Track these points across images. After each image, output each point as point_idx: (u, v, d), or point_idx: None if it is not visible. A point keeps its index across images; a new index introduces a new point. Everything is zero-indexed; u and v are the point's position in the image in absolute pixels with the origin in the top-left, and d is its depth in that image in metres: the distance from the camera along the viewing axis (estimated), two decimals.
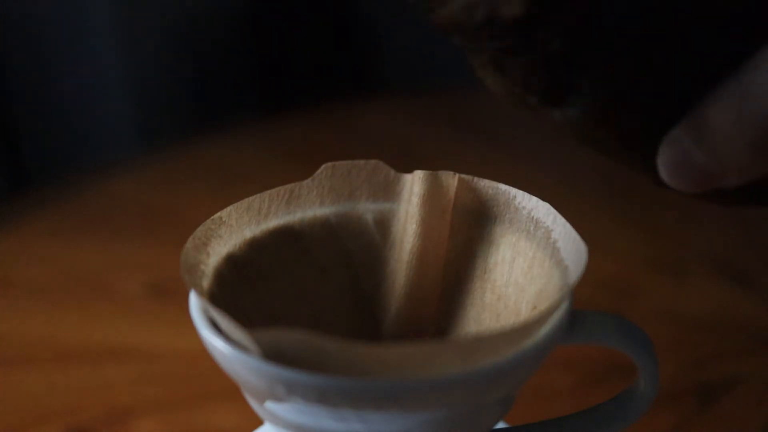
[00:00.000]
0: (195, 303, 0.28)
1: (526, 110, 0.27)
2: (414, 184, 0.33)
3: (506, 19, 0.24)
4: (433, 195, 0.33)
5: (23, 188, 0.77)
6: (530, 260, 0.31)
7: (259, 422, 0.34)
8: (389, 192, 0.34)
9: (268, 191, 0.33)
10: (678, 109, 0.25)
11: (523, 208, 0.32)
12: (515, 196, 0.32)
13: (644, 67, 0.25)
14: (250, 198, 0.32)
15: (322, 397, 0.25)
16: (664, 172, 0.26)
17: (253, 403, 0.28)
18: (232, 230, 0.31)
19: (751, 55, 0.23)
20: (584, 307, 0.30)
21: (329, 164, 0.33)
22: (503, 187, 0.32)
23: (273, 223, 0.33)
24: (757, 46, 0.23)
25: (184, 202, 0.61)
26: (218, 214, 0.31)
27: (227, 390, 0.31)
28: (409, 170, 0.33)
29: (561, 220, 0.31)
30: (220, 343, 0.27)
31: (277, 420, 0.28)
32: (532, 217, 0.31)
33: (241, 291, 0.31)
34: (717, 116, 0.24)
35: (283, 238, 0.33)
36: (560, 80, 0.25)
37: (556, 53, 0.25)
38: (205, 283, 0.30)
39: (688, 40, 0.24)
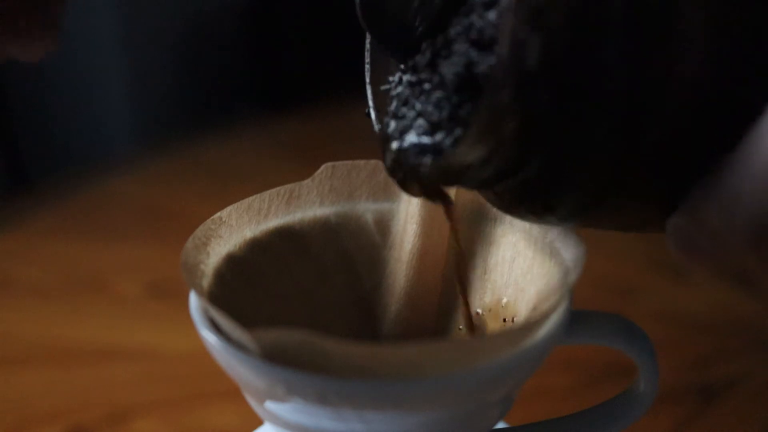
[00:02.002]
0: (195, 303, 0.28)
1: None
2: None
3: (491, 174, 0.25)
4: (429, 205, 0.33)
5: (23, 188, 0.77)
6: (530, 260, 0.31)
7: (259, 422, 0.34)
8: (389, 192, 0.34)
9: (268, 191, 0.33)
10: (665, 201, 0.26)
11: None
12: None
13: (619, 181, 0.25)
14: (250, 198, 0.32)
15: (322, 398, 0.25)
16: (675, 254, 0.27)
17: (253, 403, 0.28)
18: (232, 230, 0.31)
19: (736, 144, 0.24)
20: (584, 307, 0.29)
21: (329, 164, 0.33)
22: None
23: (273, 223, 0.33)
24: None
25: (184, 201, 0.61)
26: (218, 214, 0.31)
27: (227, 390, 0.31)
28: None
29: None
30: (220, 343, 0.26)
31: (277, 420, 0.27)
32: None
33: (242, 291, 0.31)
34: (713, 218, 0.25)
35: (283, 239, 0.33)
36: (548, 203, 0.26)
37: (537, 185, 0.26)
38: (205, 283, 0.29)
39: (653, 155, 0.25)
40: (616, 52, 0.23)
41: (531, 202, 0.27)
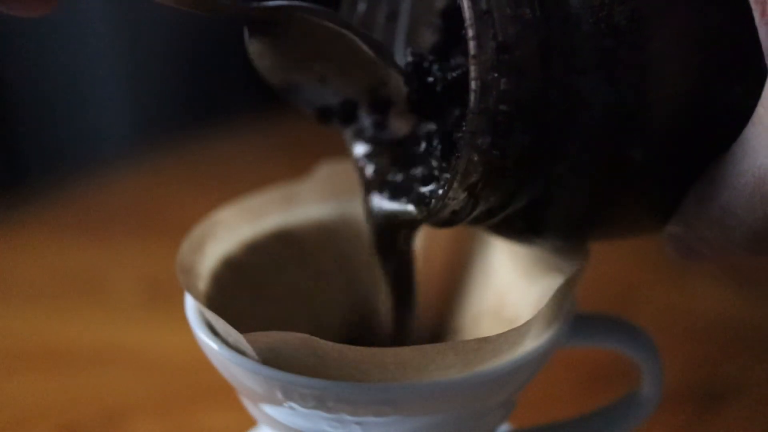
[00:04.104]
0: (191, 304, 0.28)
1: None
2: None
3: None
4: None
5: (19, 187, 0.76)
6: (531, 262, 0.31)
7: (255, 422, 0.34)
8: None
9: (265, 192, 0.32)
10: (657, 216, 0.26)
11: None
12: None
13: (606, 205, 0.25)
14: (247, 198, 0.32)
15: (319, 402, 0.25)
16: (676, 257, 0.27)
17: (249, 406, 0.28)
18: (228, 231, 0.31)
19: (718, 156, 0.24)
20: (586, 308, 0.29)
21: (327, 164, 0.33)
22: None
23: (270, 224, 0.32)
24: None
25: (181, 201, 0.61)
26: (215, 214, 0.31)
27: (223, 391, 0.31)
28: None
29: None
30: (216, 346, 0.26)
31: (273, 423, 0.27)
32: None
33: (238, 293, 0.31)
34: (708, 231, 0.25)
35: (281, 240, 0.32)
36: (536, 230, 0.27)
37: (525, 217, 0.26)
38: (201, 284, 0.29)
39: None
40: (589, 82, 0.23)
41: (519, 231, 0.27)
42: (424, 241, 0.33)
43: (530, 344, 0.26)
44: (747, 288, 0.49)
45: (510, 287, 0.31)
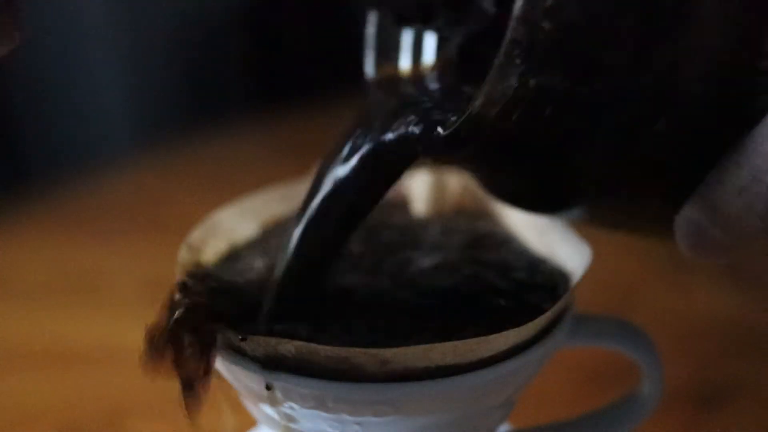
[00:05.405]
0: None
1: None
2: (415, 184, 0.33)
3: None
4: (434, 196, 0.32)
5: (19, 187, 0.76)
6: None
7: (255, 422, 0.34)
8: None
9: (265, 190, 0.32)
10: (676, 190, 0.26)
11: None
12: None
13: (629, 173, 0.25)
14: (247, 197, 0.32)
15: (319, 402, 0.25)
16: (683, 247, 0.26)
17: (250, 406, 0.28)
18: (229, 231, 0.31)
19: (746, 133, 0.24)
20: (586, 309, 0.29)
21: None
22: None
23: (270, 223, 0.32)
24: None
25: (181, 200, 0.61)
26: (215, 214, 0.31)
27: (222, 391, 0.31)
28: None
29: (562, 221, 0.30)
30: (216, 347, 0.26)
31: (273, 423, 0.27)
32: (533, 218, 0.31)
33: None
34: (730, 202, 0.24)
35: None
36: (561, 196, 0.26)
37: (551, 179, 0.26)
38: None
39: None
40: (627, 28, 0.22)
41: (538, 200, 0.27)
42: None
43: (530, 344, 0.26)
44: (747, 288, 0.49)
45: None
